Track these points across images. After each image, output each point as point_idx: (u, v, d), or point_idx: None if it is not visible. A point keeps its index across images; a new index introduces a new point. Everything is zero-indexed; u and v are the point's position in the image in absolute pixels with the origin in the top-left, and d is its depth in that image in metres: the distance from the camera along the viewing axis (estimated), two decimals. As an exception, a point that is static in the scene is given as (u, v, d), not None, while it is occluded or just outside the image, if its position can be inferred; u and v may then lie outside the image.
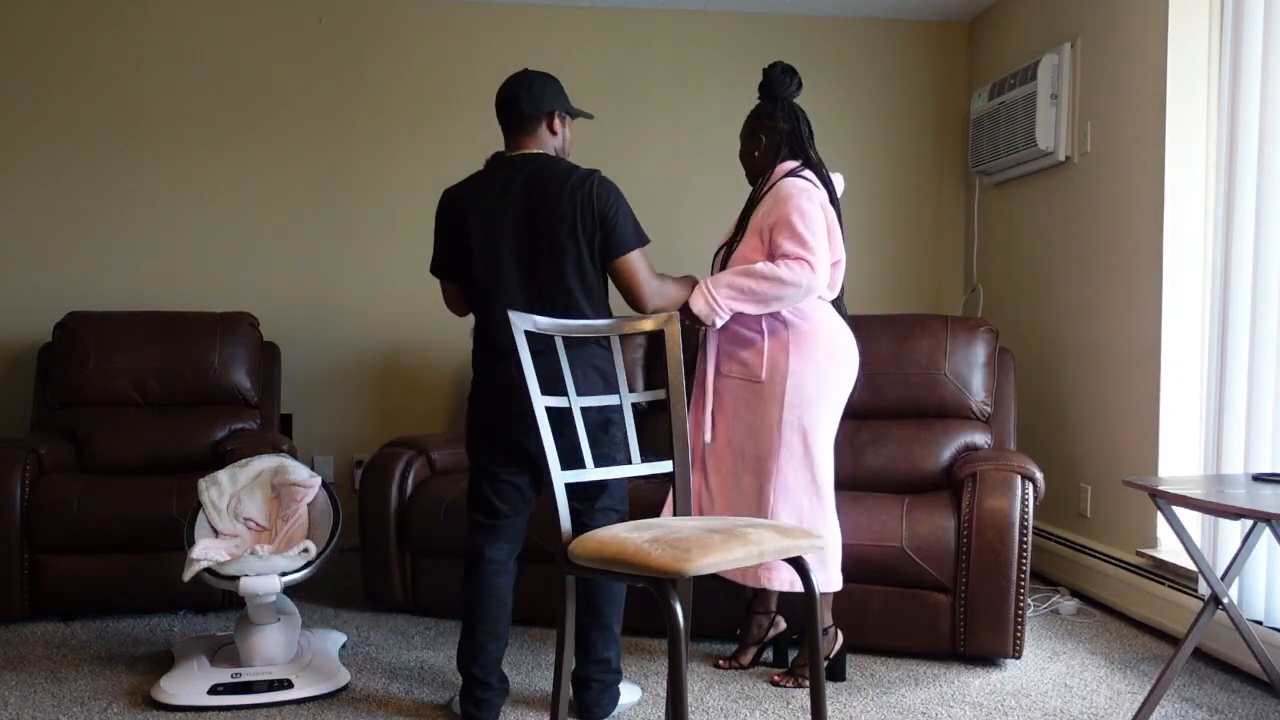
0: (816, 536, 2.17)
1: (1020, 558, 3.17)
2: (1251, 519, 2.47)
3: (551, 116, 2.84)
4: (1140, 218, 3.70)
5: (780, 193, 2.99)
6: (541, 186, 2.75)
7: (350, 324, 4.86)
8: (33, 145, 4.64)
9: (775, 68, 3.15)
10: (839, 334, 3.05)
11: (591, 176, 2.77)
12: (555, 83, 2.88)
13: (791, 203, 2.94)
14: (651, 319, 2.50)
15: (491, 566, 2.82)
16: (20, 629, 3.60)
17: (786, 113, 3.13)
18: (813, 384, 2.97)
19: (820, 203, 2.98)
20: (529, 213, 2.76)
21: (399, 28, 4.86)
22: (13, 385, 4.61)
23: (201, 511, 3.21)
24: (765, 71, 3.16)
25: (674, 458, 2.43)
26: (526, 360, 2.23)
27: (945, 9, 4.96)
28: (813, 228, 2.92)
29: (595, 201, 2.74)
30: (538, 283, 2.74)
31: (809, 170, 3.08)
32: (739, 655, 3.25)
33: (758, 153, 3.15)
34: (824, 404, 3.00)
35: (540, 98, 2.81)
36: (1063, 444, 4.22)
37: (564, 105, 2.87)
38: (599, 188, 2.76)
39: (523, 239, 2.76)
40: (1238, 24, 3.12)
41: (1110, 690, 3.05)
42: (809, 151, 3.13)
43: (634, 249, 2.77)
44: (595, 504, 2.78)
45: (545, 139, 2.85)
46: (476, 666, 2.78)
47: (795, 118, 3.14)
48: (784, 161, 3.10)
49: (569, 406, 2.36)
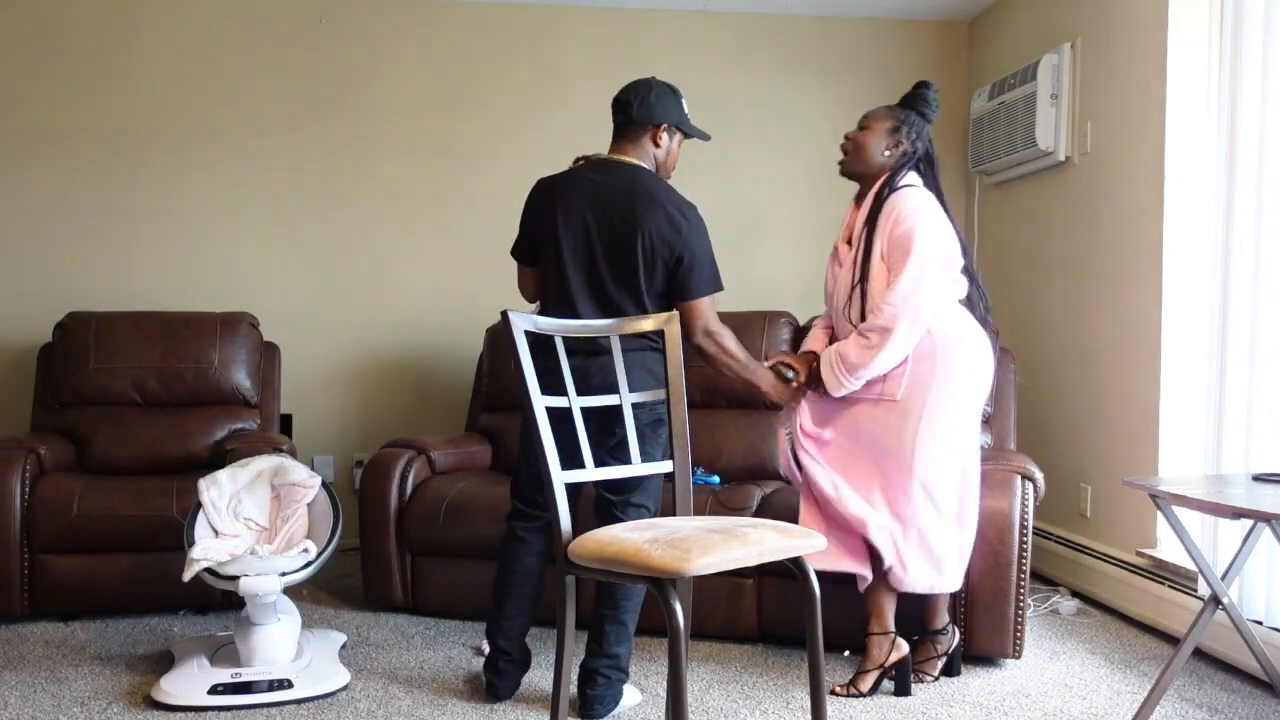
0: (817, 536, 2.17)
1: (1020, 558, 3.17)
2: (1251, 519, 2.47)
3: (659, 129, 2.87)
4: (1140, 218, 3.70)
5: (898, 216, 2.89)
6: (634, 200, 2.78)
7: (350, 324, 4.86)
8: (33, 145, 4.64)
9: (929, 87, 3.04)
10: (978, 342, 2.96)
11: (688, 210, 2.83)
12: (675, 97, 2.90)
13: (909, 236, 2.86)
14: (651, 319, 2.50)
15: (521, 546, 2.94)
16: (20, 629, 3.60)
17: (923, 134, 3.03)
18: (951, 397, 2.89)
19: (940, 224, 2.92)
20: (615, 222, 2.79)
21: (399, 28, 4.86)
22: (13, 385, 4.61)
23: (201, 511, 3.21)
24: (922, 89, 3.03)
25: (674, 457, 2.43)
26: (526, 360, 2.23)
27: (945, 9, 4.96)
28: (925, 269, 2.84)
29: (684, 236, 2.78)
30: (604, 291, 2.80)
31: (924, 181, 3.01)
32: (858, 680, 2.99)
33: (887, 151, 2.99)
34: (964, 413, 2.93)
35: (654, 108, 2.85)
36: (1063, 444, 4.22)
37: (676, 120, 2.89)
38: (692, 225, 2.82)
39: (602, 246, 2.80)
40: (1238, 24, 3.13)
41: (1110, 690, 3.05)
42: (935, 178, 3.05)
43: (705, 295, 2.84)
44: (631, 498, 2.84)
45: (648, 149, 2.89)
46: (501, 637, 2.92)
47: (928, 141, 3.05)
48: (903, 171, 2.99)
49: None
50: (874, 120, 3.03)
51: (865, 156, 3.00)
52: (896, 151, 2.99)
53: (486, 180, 4.88)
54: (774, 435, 3.95)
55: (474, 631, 3.60)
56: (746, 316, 4.12)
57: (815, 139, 5.04)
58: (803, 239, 5.06)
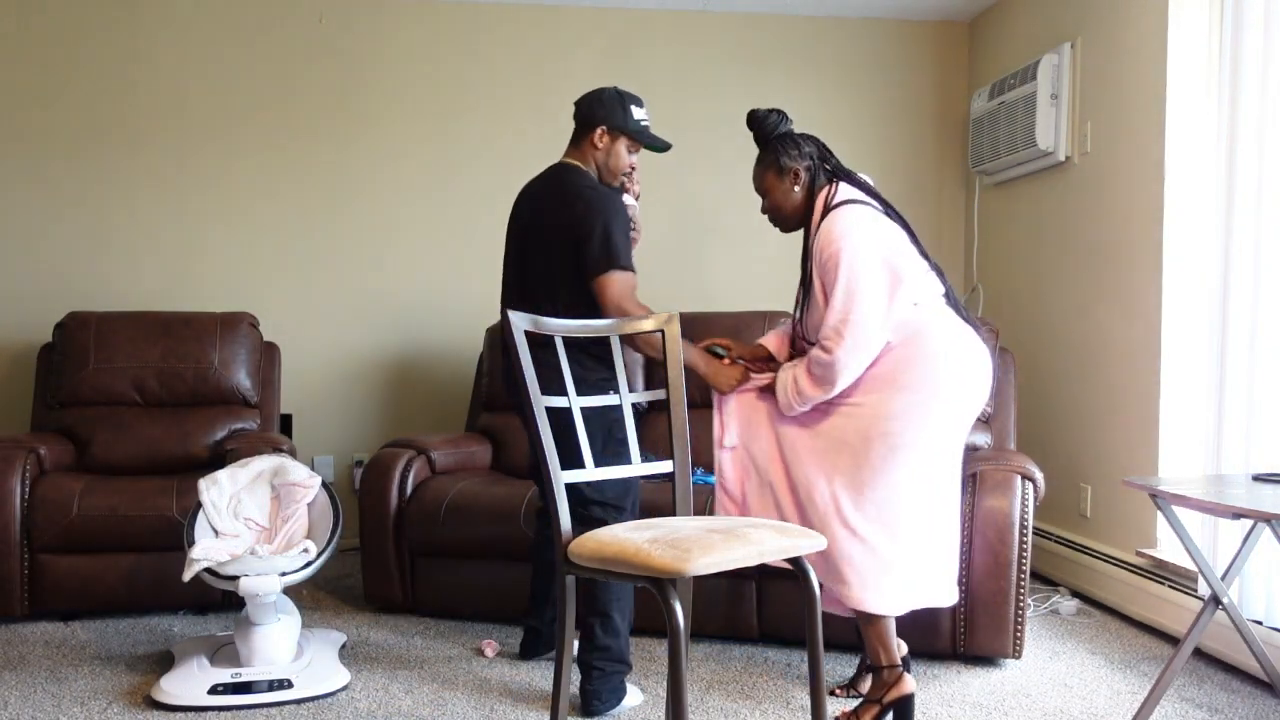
0: (817, 535, 2.17)
1: (1020, 558, 3.17)
2: (1251, 519, 2.47)
3: (597, 132, 2.93)
4: (1140, 218, 3.70)
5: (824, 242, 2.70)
6: (549, 196, 2.90)
7: (350, 324, 4.86)
8: (33, 146, 4.64)
9: (757, 112, 2.89)
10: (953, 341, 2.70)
11: (592, 195, 2.82)
12: (622, 102, 2.96)
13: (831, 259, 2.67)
14: (651, 319, 2.50)
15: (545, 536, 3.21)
16: (20, 629, 3.60)
17: (806, 138, 2.88)
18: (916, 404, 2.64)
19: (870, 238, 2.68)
20: (534, 221, 2.93)
21: (399, 28, 4.86)
22: (13, 385, 4.61)
23: (201, 511, 3.21)
24: (750, 119, 2.89)
25: (674, 457, 2.43)
26: (526, 360, 2.23)
27: (945, 9, 4.96)
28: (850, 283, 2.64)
29: (580, 215, 2.80)
30: (525, 288, 2.93)
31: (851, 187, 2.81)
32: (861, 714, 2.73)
33: (797, 189, 2.83)
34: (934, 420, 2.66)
35: (594, 112, 2.95)
36: (1063, 444, 4.22)
37: (617, 124, 2.94)
38: (589, 205, 2.80)
39: (528, 245, 2.94)
40: (1238, 24, 3.13)
41: (1110, 690, 3.05)
42: (843, 167, 2.87)
43: (602, 273, 2.78)
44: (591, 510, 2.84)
45: (588, 152, 2.97)
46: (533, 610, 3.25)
47: (811, 140, 2.88)
48: (825, 187, 2.82)
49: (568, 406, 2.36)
50: (762, 181, 2.88)
51: (785, 210, 2.87)
52: (801, 181, 2.83)
53: (486, 180, 4.88)
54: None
55: (474, 631, 3.60)
56: (746, 317, 4.13)
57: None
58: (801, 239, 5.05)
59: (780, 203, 2.86)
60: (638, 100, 3.02)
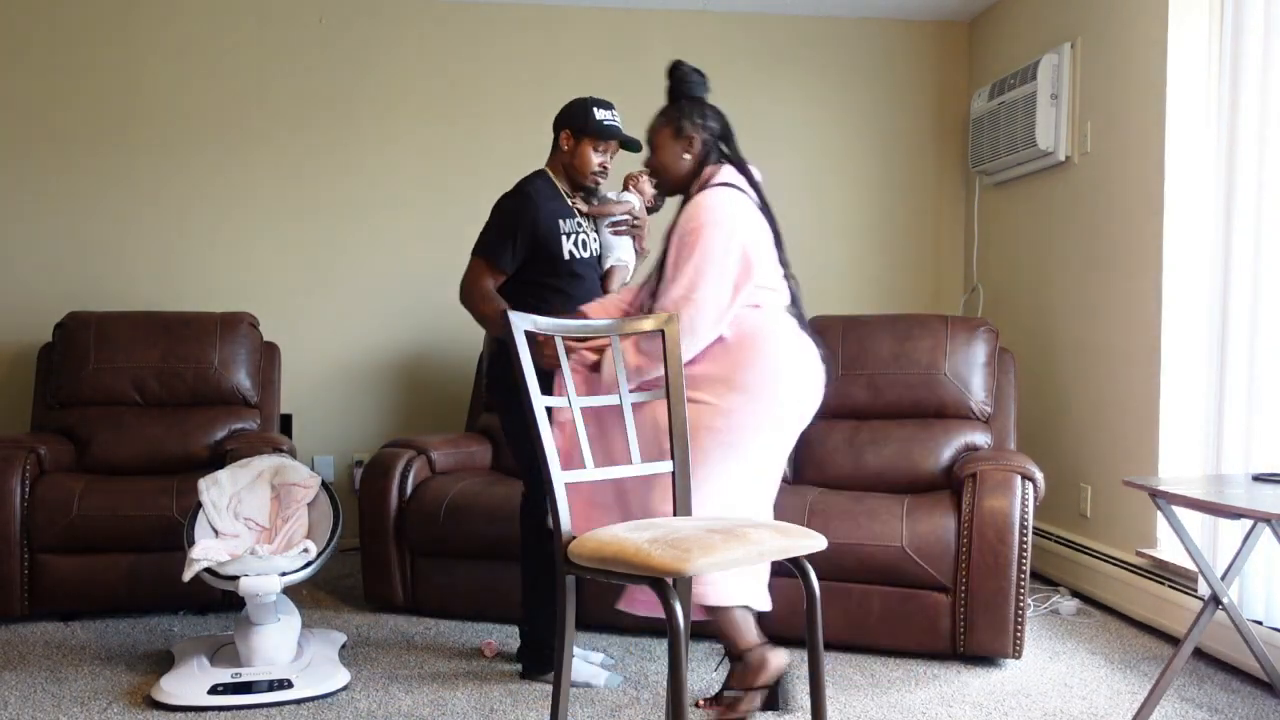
0: (817, 535, 2.17)
1: (1020, 558, 3.17)
2: (1251, 519, 2.48)
3: (562, 135, 3.13)
4: (1140, 218, 3.70)
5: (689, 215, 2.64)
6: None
7: (350, 324, 4.86)
8: (33, 146, 4.64)
9: (684, 65, 2.84)
10: (784, 344, 2.68)
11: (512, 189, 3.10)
12: (585, 106, 3.11)
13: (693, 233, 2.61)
14: (652, 319, 2.50)
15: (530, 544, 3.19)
16: (20, 629, 3.60)
17: (715, 112, 2.81)
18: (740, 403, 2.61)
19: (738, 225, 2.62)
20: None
21: (399, 28, 4.86)
22: (13, 385, 4.61)
23: (201, 511, 3.21)
24: (674, 70, 2.84)
25: (674, 457, 2.43)
26: (526, 360, 2.23)
27: (945, 9, 4.96)
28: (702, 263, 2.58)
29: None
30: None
31: (738, 174, 2.75)
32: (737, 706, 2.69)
33: (687, 157, 2.78)
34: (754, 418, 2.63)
35: (560, 117, 3.15)
36: (1063, 444, 4.22)
37: (577, 125, 3.10)
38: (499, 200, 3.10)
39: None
40: (1238, 24, 3.13)
41: (1110, 690, 3.05)
42: (739, 152, 2.81)
43: (473, 255, 3.09)
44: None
45: (557, 156, 3.17)
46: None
47: (718, 116, 2.82)
48: (714, 166, 2.77)
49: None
50: (656, 134, 2.83)
51: (670, 172, 2.81)
52: (694, 151, 2.77)
53: (487, 180, 4.86)
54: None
55: (474, 631, 3.60)
56: (746, 316, 4.12)
57: (815, 138, 5.04)
58: (802, 238, 5.05)
59: (667, 164, 2.82)
60: (606, 104, 3.14)
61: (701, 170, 2.78)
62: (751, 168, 2.82)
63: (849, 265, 5.09)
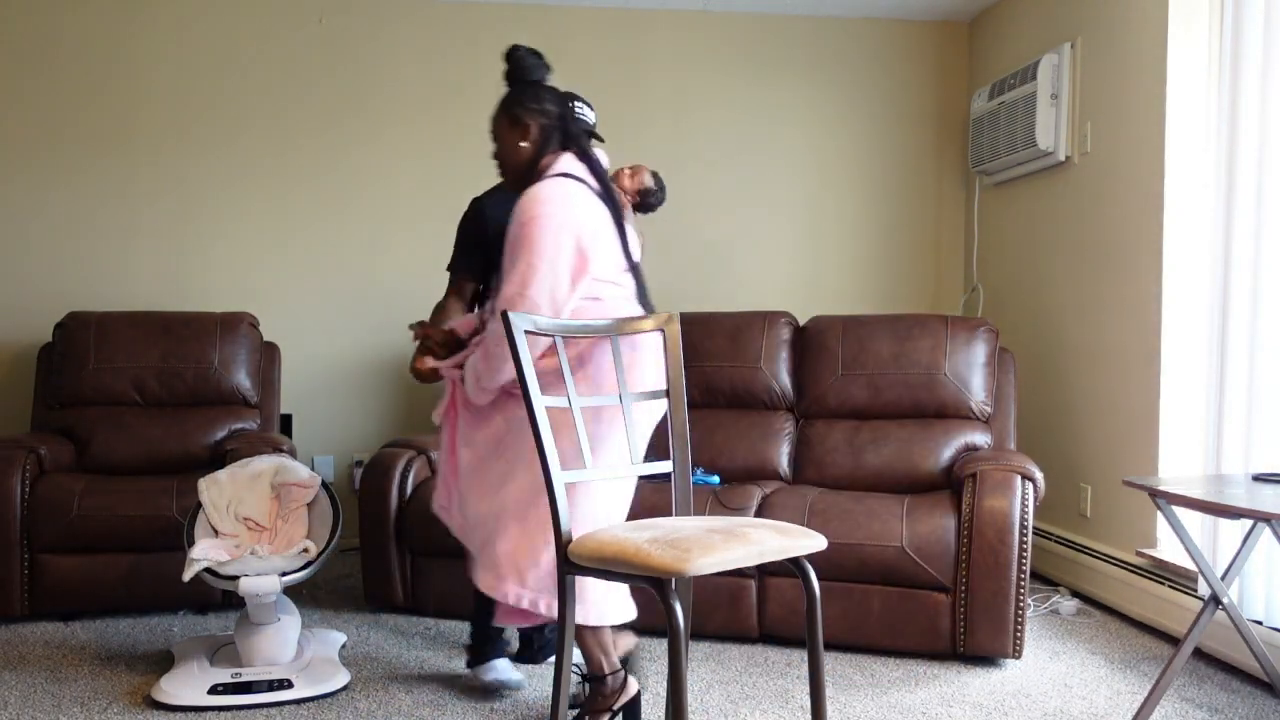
0: (817, 536, 2.17)
1: (1020, 558, 3.17)
2: (1251, 519, 2.48)
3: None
4: (1140, 218, 3.70)
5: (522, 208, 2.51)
6: None
7: (350, 324, 4.87)
8: (33, 146, 4.64)
9: (520, 49, 2.68)
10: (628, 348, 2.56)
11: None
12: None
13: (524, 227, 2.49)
14: (652, 319, 2.50)
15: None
16: (20, 629, 3.60)
17: (554, 95, 2.67)
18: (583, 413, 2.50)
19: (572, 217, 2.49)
20: None
21: (399, 28, 4.86)
22: (13, 385, 4.61)
23: (201, 511, 3.21)
24: (510, 54, 2.68)
25: (674, 457, 2.43)
26: (526, 360, 2.23)
27: (945, 9, 4.96)
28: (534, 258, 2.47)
29: None
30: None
31: (578, 161, 2.61)
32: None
33: (525, 143, 2.62)
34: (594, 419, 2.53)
35: None
36: (1063, 444, 4.22)
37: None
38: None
39: None
40: (1238, 24, 3.13)
41: (1110, 690, 3.05)
42: (580, 139, 2.66)
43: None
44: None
45: None
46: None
47: (559, 100, 2.67)
48: (554, 153, 2.62)
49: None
50: (496, 125, 2.69)
51: (510, 163, 2.68)
52: (531, 138, 2.62)
53: (486, 180, 4.86)
54: (775, 436, 3.95)
55: (474, 631, 3.60)
56: (746, 317, 4.13)
57: (814, 139, 5.04)
58: (802, 239, 5.07)
59: (504, 153, 2.67)
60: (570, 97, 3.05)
61: (540, 158, 2.62)
62: (598, 151, 2.69)
63: (849, 265, 5.09)
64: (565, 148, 2.63)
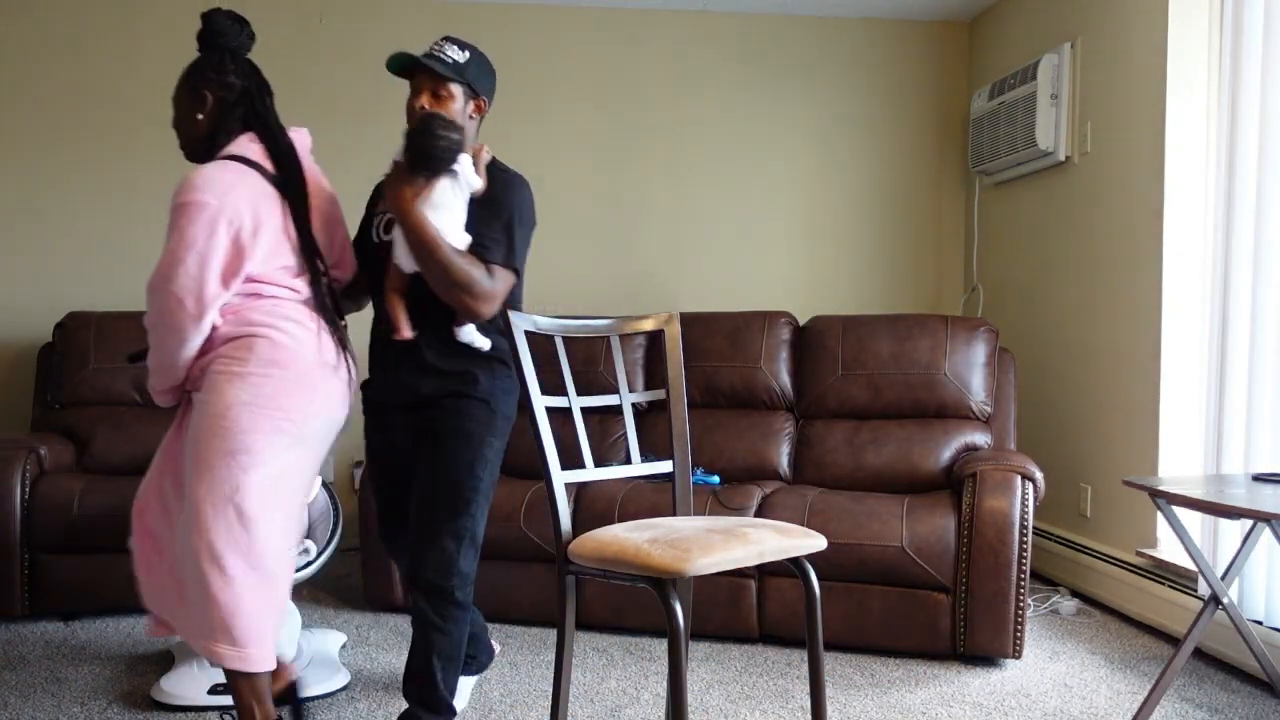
0: (817, 535, 2.17)
1: (1020, 558, 3.17)
2: (1251, 519, 2.48)
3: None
4: (1140, 218, 3.70)
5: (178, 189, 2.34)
6: None
7: (349, 323, 4.85)
8: (32, 146, 4.64)
9: (220, 13, 2.47)
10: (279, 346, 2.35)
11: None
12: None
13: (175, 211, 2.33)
14: (652, 319, 2.50)
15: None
16: (20, 629, 3.60)
17: (241, 67, 2.47)
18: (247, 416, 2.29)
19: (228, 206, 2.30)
20: None
21: (399, 27, 4.86)
22: (13, 385, 4.61)
23: (201, 511, 3.20)
24: (206, 17, 2.45)
25: (674, 457, 2.43)
26: (526, 360, 2.23)
27: (945, 9, 4.96)
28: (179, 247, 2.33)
29: None
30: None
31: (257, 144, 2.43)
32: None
33: (201, 115, 2.42)
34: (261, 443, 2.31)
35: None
36: (1063, 444, 4.22)
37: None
38: None
39: None
40: (1238, 24, 3.13)
41: (1110, 690, 3.05)
42: (267, 119, 2.47)
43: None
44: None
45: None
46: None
47: (250, 74, 2.48)
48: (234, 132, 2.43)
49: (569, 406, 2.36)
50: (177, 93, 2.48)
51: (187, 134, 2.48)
52: (208, 110, 2.42)
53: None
54: (775, 436, 3.95)
55: (474, 631, 3.60)
56: (746, 317, 4.13)
57: (815, 138, 5.04)
58: (802, 239, 5.07)
59: (180, 124, 2.48)
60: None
61: (218, 135, 2.42)
62: (294, 133, 2.52)
63: (849, 265, 5.09)
64: (249, 126, 2.42)
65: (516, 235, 2.54)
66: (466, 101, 2.73)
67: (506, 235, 2.52)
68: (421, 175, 2.51)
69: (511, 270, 2.52)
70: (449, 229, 2.46)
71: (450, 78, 2.70)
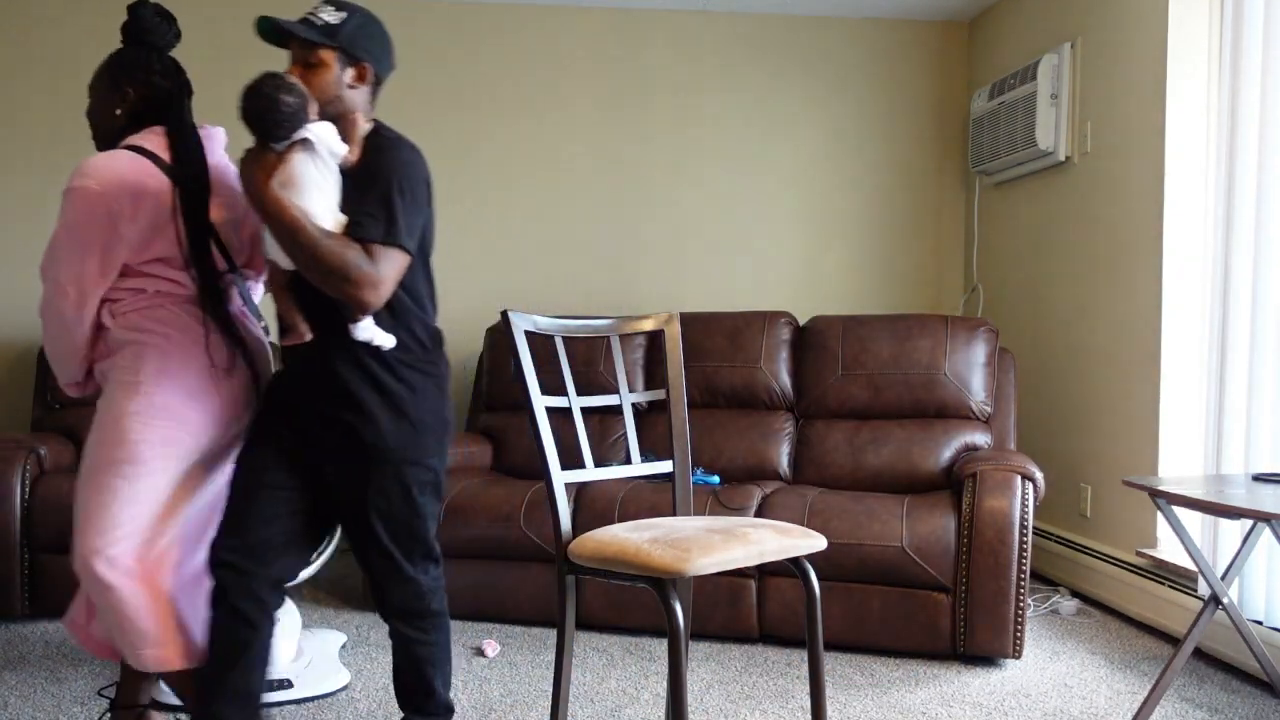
0: (817, 536, 2.17)
1: (1020, 558, 3.17)
2: (1251, 519, 2.48)
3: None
4: (1140, 218, 3.70)
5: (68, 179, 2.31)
6: None
7: (350, 324, 4.85)
8: (32, 145, 4.64)
9: (149, 7, 2.38)
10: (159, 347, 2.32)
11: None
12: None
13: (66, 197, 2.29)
14: (652, 319, 2.50)
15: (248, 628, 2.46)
16: (20, 629, 3.60)
17: (166, 66, 2.38)
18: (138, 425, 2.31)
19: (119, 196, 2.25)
20: None
21: (399, 28, 4.83)
22: (13, 385, 4.61)
23: (201, 511, 3.20)
24: (132, 9, 2.38)
25: (674, 457, 2.43)
26: (527, 360, 2.23)
27: (945, 9, 4.96)
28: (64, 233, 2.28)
29: None
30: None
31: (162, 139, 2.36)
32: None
33: (119, 110, 2.39)
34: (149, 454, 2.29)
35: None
36: (1063, 444, 4.22)
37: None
38: None
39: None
40: (1238, 24, 3.13)
41: (1110, 690, 3.05)
42: (183, 117, 2.38)
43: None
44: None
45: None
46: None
47: (173, 74, 2.39)
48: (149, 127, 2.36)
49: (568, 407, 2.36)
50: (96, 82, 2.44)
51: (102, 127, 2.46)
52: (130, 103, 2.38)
53: (485, 179, 4.88)
54: (775, 436, 3.95)
55: (474, 632, 3.60)
56: (746, 317, 4.13)
57: (815, 138, 5.04)
58: (802, 239, 5.07)
59: (96, 116, 2.45)
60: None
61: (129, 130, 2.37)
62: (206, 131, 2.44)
63: (849, 265, 5.09)
64: (161, 122, 2.35)
65: (398, 206, 2.18)
66: (343, 69, 2.39)
67: (384, 208, 2.16)
68: (266, 148, 2.17)
69: (397, 248, 2.15)
70: (321, 211, 2.14)
71: (318, 42, 2.31)
